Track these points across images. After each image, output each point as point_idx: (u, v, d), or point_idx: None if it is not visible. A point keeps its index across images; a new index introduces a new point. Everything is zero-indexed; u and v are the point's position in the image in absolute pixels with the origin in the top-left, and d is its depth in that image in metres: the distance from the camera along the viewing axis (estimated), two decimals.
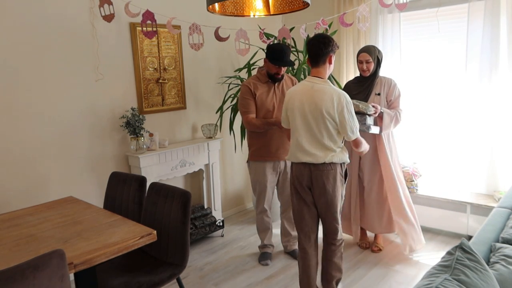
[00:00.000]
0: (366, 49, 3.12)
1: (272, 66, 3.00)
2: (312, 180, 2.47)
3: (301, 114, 2.43)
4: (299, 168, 2.50)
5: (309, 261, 2.63)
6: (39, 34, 2.87)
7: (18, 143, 2.84)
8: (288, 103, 2.51)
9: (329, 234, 2.61)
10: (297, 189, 2.55)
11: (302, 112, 2.43)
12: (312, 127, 2.42)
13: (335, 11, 4.14)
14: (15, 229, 2.06)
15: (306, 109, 2.42)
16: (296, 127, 2.47)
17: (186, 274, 3.18)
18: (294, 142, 2.50)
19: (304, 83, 2.47)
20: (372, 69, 3.13)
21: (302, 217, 2.58)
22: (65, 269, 1.52)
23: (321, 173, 2.44)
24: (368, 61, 3.10)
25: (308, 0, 2.07)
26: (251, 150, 3.21)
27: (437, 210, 3.69)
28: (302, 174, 2.49)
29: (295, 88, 2.52)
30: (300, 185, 2.52)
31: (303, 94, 2.43)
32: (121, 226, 2.04)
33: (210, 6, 2.24)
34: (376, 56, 3.11)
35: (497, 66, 3.37)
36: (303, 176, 2.48)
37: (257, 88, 3.08)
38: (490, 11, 3.33)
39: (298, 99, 2.45)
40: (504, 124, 3.42)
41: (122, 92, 3.38)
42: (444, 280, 1.29)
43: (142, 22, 3.04)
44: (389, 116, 3.11)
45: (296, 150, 2.48)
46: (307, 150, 2.43)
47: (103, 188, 3.28)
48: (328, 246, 2.64)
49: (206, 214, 3.83)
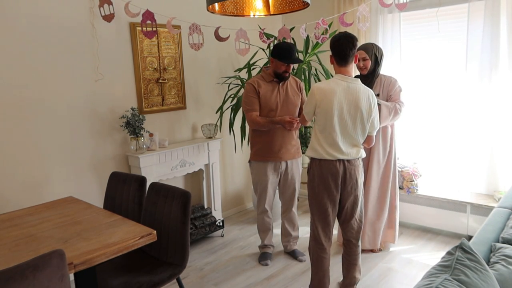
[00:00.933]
0: (363, 47, 3.11)
1: (281, 65, 2.98)
2: (346, 175, 2.46)
3: (339, 114, 2.39)
4: (333, 165, 2.44)
5: (328, 261, 2.62)
6: (39, 34, 2.87)
7: (18, 143, 2.84)
8: (321, 102, 2.39)
9: (356, 233, 2.60)
10: (329, 186, 2.47)
11: (340, 112, 2.39)
12: (348, 126, 2.41)
13: (335, 11, 4.14)
14: (15, 229, 2.06)
15: (344, 109, 2.39)
16: (333, 126, 2.40)
17: (186, 274, 3.18)
18: (328, 141, 2.43)
19: (338, 82, 2.40)
20: (370, 67, 3.09)
21: (327, 215, 2.54)
22: (65, 269, 1.52)
23: (355, 168, 2.48)
24: (364, 58, 3.08)
25: (308, 0, 2.07)
26: (253, 150, 3.20)
27: (437, 210, 3.69)
28: (337, 171, 2.44)
29: (327, 87, 2.41)
30: (334, 182, 2.46)
31: (341, 94, 2.38)
32: (121, 226, 2.04)
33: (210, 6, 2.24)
34: (373, 53, 3.07)
35: (497, 66, 3.37)
36: (338, 173, 2.45)
37: (261, 86, 3.07)
38: (490, 11, 3.33)
39: (336, 99, 2.37)
40: (504, 124, 3.42)
41: (122, 92, 3.38)
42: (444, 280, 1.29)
43: (142, 22, 3.04)
44: (387, 108, 3.03)
45: (329, 148, 2.43)
46: (342, 148, 2.43)
47: (103, 188, 3.28)
48: (353, 249, 2.63)
49: (206, 214, 3.83)
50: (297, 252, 3.39)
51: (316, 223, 2.58)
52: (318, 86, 2.44)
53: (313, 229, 2.61)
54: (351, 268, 2.67)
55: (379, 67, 3.14)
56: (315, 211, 2.57)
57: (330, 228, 2.58)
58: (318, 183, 2.50)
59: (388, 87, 3.14)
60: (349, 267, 2.67)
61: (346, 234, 2.63)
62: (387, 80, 3.15)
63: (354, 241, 2.62)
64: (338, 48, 2.39)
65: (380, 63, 3.12)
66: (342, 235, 2.66)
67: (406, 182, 3.82)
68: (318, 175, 2.49)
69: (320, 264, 2.61)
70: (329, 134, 2.42)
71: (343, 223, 2.61)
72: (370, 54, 3.07)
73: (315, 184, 2.51)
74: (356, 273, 2.67)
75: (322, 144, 2.45)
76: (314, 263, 2.65)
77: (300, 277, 3.07)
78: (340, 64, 2.43)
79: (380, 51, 3.12)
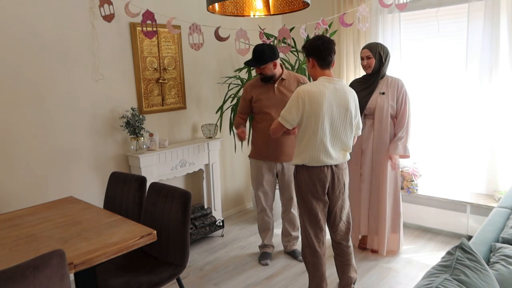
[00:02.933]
0: (367, 45, 3.11)
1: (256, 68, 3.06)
2: (334, 180, 2.44)
3: (329, 118, 2.34)
4: (321, 170, 2.41)
5: (324, 266, 2.59)
6: (39, 33, 2.87)
7: (18, 143, 2.84)
8: (311, 106, 2.31)
9: (345, 235, 2.60)
10: (317, 192, 2.44)
11: (330, 116, 2.34)
12: (339, 129, 2.39)
13: (335, 11, 4.14)
14: (15, 229, 2.06)
15: (334, 112, 2.35)
16: (324, 131, 2.34)
17: (186, 274, 3.18)
18: (318, 146, 2.36)
19: (325, 84, 2.35)
20: (375, 66, 3.08)
21: (318, 221, 2.50)
22: (65, 269, 1.52)
23: (342, 172, 2.48)
24: (368, 56, 3.07)
25: (308, 0, 2.07)
26: (252, 147, 3.27)
27: (437, 210, 3.69)
28: (325, 176, 2.41)
29: (315, 89, 2.33)
30: (321, 187, 2.43)
31: (331, 97, 2.33)
32: (121, 226, 2.04)
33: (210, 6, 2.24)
34: (378, 52, 3.06)
35: (497, 66, 3.37)
36: (326, 178, 2.42)
37: (254, 90, 3.12)
38: (490, 11, 3.33)
39: (326, 102, 2.32)
40: (504, 124, 3.42)
41: (122, 92, 3.38)
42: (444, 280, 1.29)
43: (142, 22, 3.04)
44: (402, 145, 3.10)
45: (319, 153, 2.37)
46: (332, 153, 2.39)
47: (103, 188, 3.29)
48: (344, 250, 2.62)
49: (206, 214, 3.83)
50: (297, 252, 3.39)
51: (308, 229, 2.52)
52: (305, 89, 2.34)
53: (306, 236, 2.55)
54: (345, 269, 2.65)
55: (384, 66, 3.11)
56: (305, 217, 2.52)
57: (323, 233, 2.55)
58: (305, 189, 2.45)
59: (395, 88, 3.10)
60: (343, 268, 2.66)
61: (335, 236, 2.61)
62: (394, 81, 3.12)
63: (344, 243, 2.61)
64: (323, 53, 2.36)
65: (385, 63, 3.10)
66: (332, 237, 2.64)
67: (406, 182, 3.82)
68: (305, 182, 2.44)
69: (316, 270, 2.56)
70: (320, 139, 2.35)
71: (332, 227, 2.60)
72: (374, 52, 3.06)
73: (302, 190, 2.47)
74: (351, 272, 2.65)
75: (311, 150, 2.37)
76: (310, 270, 2.59)
77: (300, 277, 3.07)
78: (323, 67, 2.40)
79: (386, 51, 3.10)
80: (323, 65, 2.40)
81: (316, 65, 2.41)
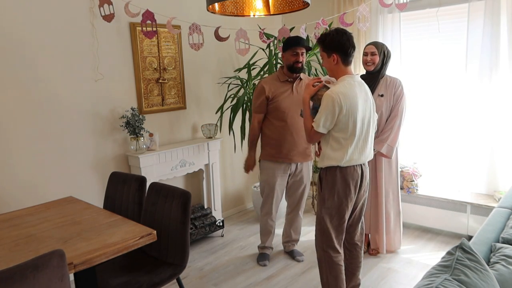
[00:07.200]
0: (373, 42, 3.11)
1: (289, 55, 2.91)
2: (363, 179, 2.40)
3: (361, 117, 2.28)
4: (354, 170, 2.35)
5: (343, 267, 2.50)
6: (39, 33, 2.87)
7: (18, 143, 2.84)
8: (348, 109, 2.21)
9: (360, 235, 2.57)
10: (350, 192, 2.35)
11: (362, 115, 2.28)
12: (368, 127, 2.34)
13: (335, 11, 4.14)
14: (15, 229, 2.06)
15: (366, 112, 2.30)
16: (360, 131, 2.29)
17: (186, 274, 3.18)
18: (355, 146, 2.30)
19: (354, 84, 2.26)
20: (377, 64, 3.07)
21: (343, 222, 2.41)
22: (65, 269, 1.52)
23: (368, 170, 2.45)
24: (373, 53, 3.05)
25: (308, 0, 2.07)
26: (264, 149, 3.15)
27: (437, 210, 3.69)
28: (358, 175, 2.36)
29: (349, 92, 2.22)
30: (354, 187, 2.36)
31: (361, 97, 2.27)
32: (121, 226, 2.04)
33: (210, 6, 2.24)
34: (382, 50, 3.06)
35: (497, 66, 3.37)
36: (359, 177, 2.38)
37: (272, 89, 3.00)
38: (490, 11, 3.33)
39: (360, 103, 2.26)
40: (504, 124, 3.42)
41: (122, 92, 3.38)
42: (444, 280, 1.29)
43: (142, 22, 3.03)
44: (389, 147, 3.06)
45: (355, 153, 2.31)
46: (364, 151, 2.36)
47: (103, 188, 3.28)
48: (359, 252, 2.59)
49: (206, 214, 3.83)
50: (295, 252, 3.38)
51: (330, 231, 2.40)
52: (340, 91, 2.20)
53: (327, 239, 2.42)
54: (356, 271, 2.61)
55: (385, 67, 3.11)
56: (333, 220, 2.40)
57: (343, 235, 2.47)
58: (340, 191, 2.34)
59: (393, 88, 3.10)
60: (355, 270, 2.61)
61: (352, 238, 2.55)
62: (393, 81, 3.11)
63: (360, 244, 2.58)
64: (346, 46, 2.22)
65: (386, 63, 3.11)
66: (347, 240, 2.56)
67: (406, 182, 3.82)
68: (340, 183, 2.34)
69: (339, 274, 2.43)
70: (357, 140, 2.30)
71: (351, 226, 2.52)
72: (380, 50, 3.06)
73: (335, 192, 2.35)
74: (360, 274, 2.65)
75: (348, 151, 2.28)
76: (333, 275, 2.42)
77: (300, 277, 3.07)
78: (346, 62, 2.28)
79: (389, 52, 3.11)
80: (347, 61, 2.28)
81: (340, 61, 2.26)
